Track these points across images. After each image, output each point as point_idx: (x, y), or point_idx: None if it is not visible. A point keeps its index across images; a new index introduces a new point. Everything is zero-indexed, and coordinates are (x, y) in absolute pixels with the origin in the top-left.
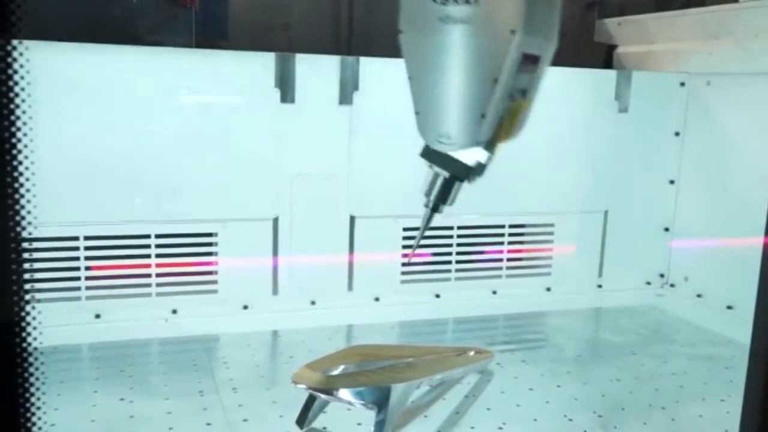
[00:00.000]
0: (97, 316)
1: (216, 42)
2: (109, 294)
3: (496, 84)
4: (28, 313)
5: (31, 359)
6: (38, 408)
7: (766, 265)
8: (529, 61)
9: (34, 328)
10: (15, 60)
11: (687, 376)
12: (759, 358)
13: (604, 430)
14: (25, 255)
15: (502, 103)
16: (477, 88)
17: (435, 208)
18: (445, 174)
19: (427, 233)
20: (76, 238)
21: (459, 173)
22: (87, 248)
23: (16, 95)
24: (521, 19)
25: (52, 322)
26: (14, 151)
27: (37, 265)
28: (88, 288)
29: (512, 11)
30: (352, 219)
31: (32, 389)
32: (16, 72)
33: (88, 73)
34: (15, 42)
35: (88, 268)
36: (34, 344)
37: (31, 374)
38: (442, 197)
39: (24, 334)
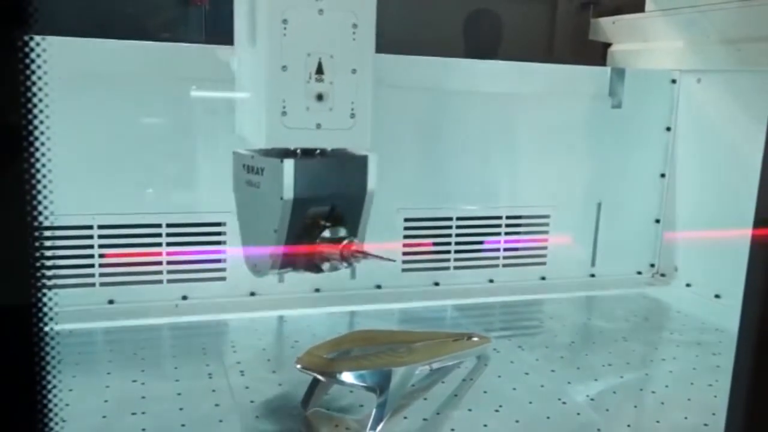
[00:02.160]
0: (111, 302)
1: (225, 39)
2: (122, 280)
3: (276, 233)
4: (43, 296)
5: (46, 341)
6: (53, 387)
7: (753, 256)
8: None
9: (51, 308)
10: (32, 53)
11: (676, 361)
12: (746, 345)
13: (596, 413)
14: (41, 242)
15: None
16: (267, 235)
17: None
18: None
19: (428, 224)
20: (90, 227)
21: None
22: (101, 237)
23: (33, 85)
24: (290, 188)
25: (67, 307)
26: (32, 144)
27: (52, 252)
28: (101, 275)
29: (283, 181)
30: None
31: (47, 370)
32: (33, 65)
33: (103, 68)
34: (33, 37)
35: (101, 256)
36: (51, 325)
37: (46, 355)
38: None
39: (40, 318)
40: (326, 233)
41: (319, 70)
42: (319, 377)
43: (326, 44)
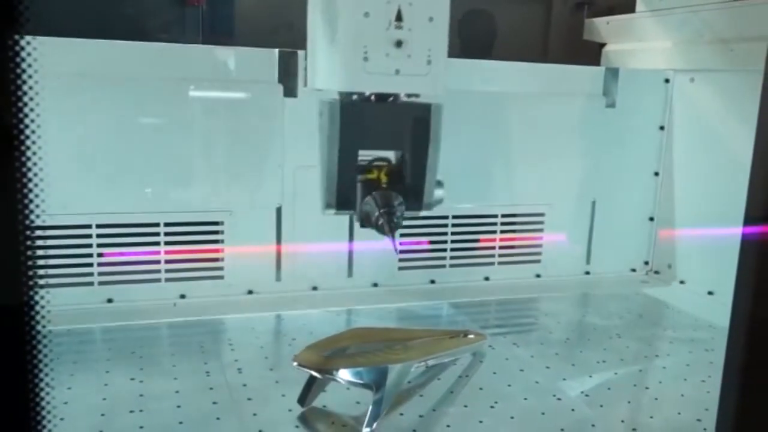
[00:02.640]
0: (109, 300)
1: (222, 40)
2: (121, 279)
3: (328, 173)
4: (33, 297)
5: (37, 340)
6: (50, 386)
7: (743, 253)
8: None
9: (43, 307)
10: (23, 52)
11: (670, 357)
12: (736, 341)
13: (590, 409)
14: (30, 242)
15: None
16: (324, 174)
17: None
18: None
19: (424, 222)
20: (88, 227)
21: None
22: (99, 236)
23: (23, 83)
24: (336, 128)
25: (66, 306)
26: (23, 144)
27: (51, 252)
28: (100, 274)
29: (331, 122)
30: None
31: (41, 370)
32: (23, 63)
33: (101, 68)
34: (25, 37)
35: (100, 255)
36: (43, 323)
37: (36, 356)
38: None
39: (32, 317)
40: (376, 193)
41: (399, 17)
42: (316, 374)
43: None
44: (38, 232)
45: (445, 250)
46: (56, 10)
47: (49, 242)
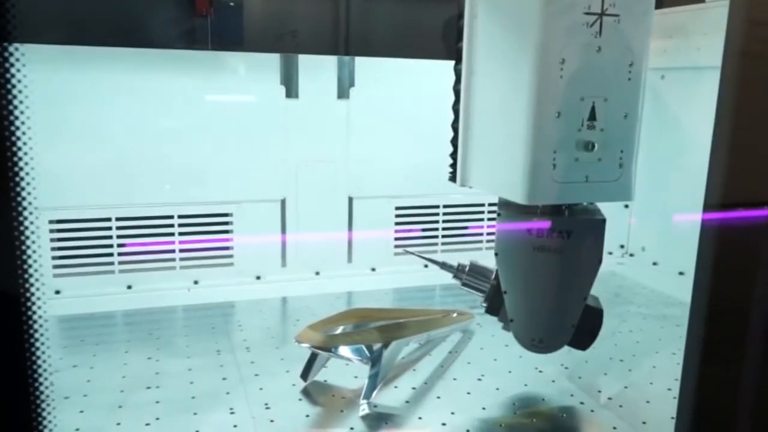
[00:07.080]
0: (129, 287)
1: (229, 47)
2: (139, 267)
3: (584, 300)
4: (31, 285)
5: (37, 327)
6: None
7: (703, 237)
8: None
9: (40, 297)
10: (10, 59)
11: (643, 333)
12: (698, 316)
13: (569, 380)
14: (28, 235)
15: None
16: (568, 304)
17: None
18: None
19: (417, 211)
20: (109, 219)
21: None
22: (119, 228)
23: (16, 92)
24: (603, 251)
25: (89, 293)
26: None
27: (76, 243)
28: (120, 263)
29: (596, 247)
30: (351, 200)
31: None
32: (13, 74)
33: (122, 76)
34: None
35: (120, 245)
36: (63, 313)
37: (37, 340)
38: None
39: (33, 304)
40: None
41: (592, 116)
42: (317, 351)
43: (602, 86)
44: (64, 225)
45: (437, 237)
46: (84, 22)
47: (74, 234)
